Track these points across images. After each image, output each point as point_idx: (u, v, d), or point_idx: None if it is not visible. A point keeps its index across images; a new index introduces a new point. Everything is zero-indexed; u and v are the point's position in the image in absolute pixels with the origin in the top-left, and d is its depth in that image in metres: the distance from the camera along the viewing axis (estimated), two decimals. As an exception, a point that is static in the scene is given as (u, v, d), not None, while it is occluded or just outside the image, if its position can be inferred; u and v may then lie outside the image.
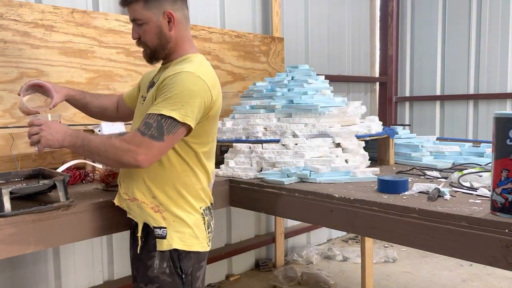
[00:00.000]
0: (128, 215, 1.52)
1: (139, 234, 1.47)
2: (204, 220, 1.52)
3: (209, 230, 1.56)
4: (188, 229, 1.47)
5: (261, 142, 2.07)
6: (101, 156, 1.37)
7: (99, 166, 1.96)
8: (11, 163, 2.08)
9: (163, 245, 1.44)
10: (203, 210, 1.52)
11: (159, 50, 1.49)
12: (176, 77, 1.37)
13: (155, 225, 1.45)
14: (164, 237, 1.44)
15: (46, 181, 1.51)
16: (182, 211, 1.46)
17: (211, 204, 1.59)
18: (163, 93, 1.36)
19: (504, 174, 1.19)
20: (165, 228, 1.44)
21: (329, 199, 1.60)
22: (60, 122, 1.56)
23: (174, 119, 1.33)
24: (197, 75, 1.38)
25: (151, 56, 1.51)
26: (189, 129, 1.39)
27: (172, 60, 1.51)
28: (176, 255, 1.46)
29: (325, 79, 2.49)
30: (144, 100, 1.53)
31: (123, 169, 1.54)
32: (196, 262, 1.53)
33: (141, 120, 1.37)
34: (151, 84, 1.54)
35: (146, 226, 1.47)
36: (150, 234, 1.47)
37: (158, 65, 1.60)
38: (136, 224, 1.50)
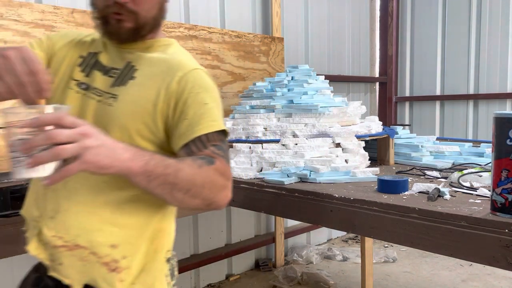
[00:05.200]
0: (51, 272, 0.99)
1: None
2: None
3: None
4: None
5: (261, 142, 2.07)
6: (189, 194, 0.87)
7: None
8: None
9: None
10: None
11: (149, 25, 1.04)
12: (201, 79, 1.02)
13: None
14: None
15: (46, 181, 1.51)
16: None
17: None
18: (197, 99, 0.98)
19: (504, 174, 1.19)
20: None
21: (329, 199, 1.59)
22: None
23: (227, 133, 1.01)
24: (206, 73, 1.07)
25: (136, 31, 1.02)
26: None
27: (144, 41, 1.07)
28: None
29: (325, 79, 2.48)
30: (97, 93, 1.01)
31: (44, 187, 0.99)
32: None
33: (190, 138, 0.95)
34: (105, 70, 1.04)
35: None
36: None
37: (84, 32, 1.19)
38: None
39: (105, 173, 0.78)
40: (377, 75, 4.78)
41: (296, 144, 2.01)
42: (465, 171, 1.75)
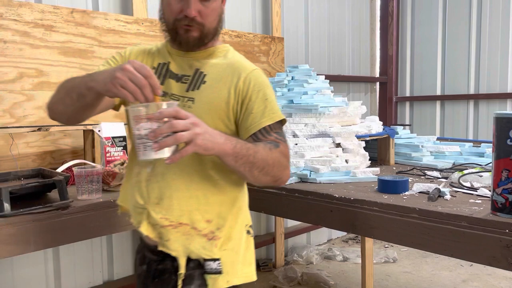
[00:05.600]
0: (160, 248, 1.20)
1: (181, 271, 1.17)
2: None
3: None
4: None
5: (261, 142, 2.06)
6: (263, 172, 1.10)
7: (99, 166, 1.96)
8: (11, 163, 2.08)
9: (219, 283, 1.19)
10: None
11: (211, 34, 1.22)
12: (260, 77, 1.23)
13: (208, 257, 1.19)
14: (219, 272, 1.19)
15: (45, 181, 1.51)
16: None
17: None
18: (259, 96, 1.19)
19: (504, 174, 1.19)
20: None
21: (329, 199, 1.59)
22: None
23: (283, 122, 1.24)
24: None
25: (201, 39, 1.20)
26: None
27: (206, 48, 1.25)
28: None
29: (325, 79, 2.48)
30: (175, 98, 1.21)
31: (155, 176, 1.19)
32: None
33: (257, 129, 1.16)
34: (177, 77, 1.23)
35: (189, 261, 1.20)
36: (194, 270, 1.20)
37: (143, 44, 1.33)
38: (172, 259, 1.20)
39: (208, 154, 1.00)
40: (377, 75, 4.78)
41: (296, 144, 2.01)
42: (465, 171, 1.75)
